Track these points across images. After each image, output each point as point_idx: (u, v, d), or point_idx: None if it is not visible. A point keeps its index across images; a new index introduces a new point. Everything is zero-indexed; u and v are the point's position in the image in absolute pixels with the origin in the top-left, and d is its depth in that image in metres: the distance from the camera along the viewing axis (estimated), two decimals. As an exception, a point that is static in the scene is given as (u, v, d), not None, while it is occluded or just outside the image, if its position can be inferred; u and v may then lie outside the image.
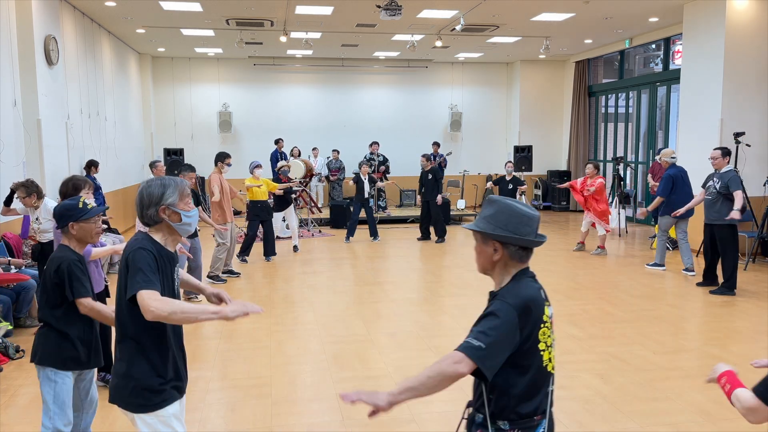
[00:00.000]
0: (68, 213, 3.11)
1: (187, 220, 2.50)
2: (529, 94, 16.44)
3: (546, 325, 2.08)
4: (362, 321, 6.31)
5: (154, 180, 2.49)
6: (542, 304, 2.07)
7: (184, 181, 2.55)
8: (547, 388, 2.11)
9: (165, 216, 2.45)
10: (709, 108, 9.64)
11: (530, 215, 2.07)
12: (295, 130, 15.96)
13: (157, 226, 2.48)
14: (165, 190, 2.45)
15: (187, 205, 2.50)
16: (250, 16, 10.80)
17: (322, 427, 3.99)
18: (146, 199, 2.44)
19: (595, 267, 8.96)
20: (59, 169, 8.72)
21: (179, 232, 2.52)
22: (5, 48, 7.41)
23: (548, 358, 2.09)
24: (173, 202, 2.46)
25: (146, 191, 2.45)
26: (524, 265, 2.11)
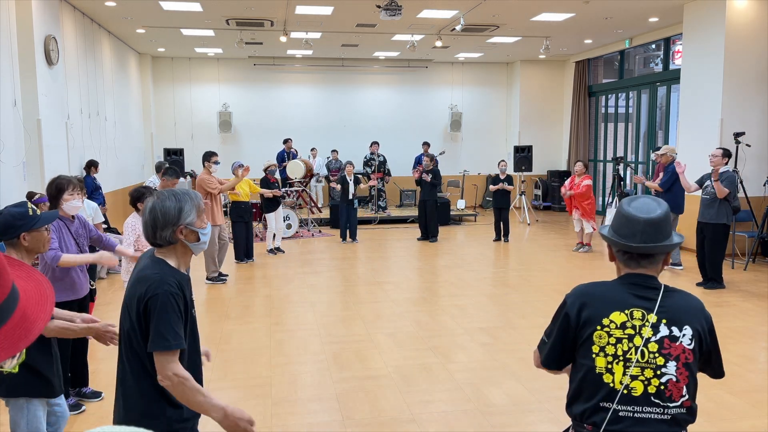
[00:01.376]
0: (18, 222, 2.79)
1: (204, 239, 2.23)
2: (529, 94, 16.44)
3: (607, 330, 1.91)
4: (362, 321, 6.31)
5: (166, 194, 2.17)
6: (611, 307, 1.92)
7: (198, 193, 2.28)
8: (603, 401, 1.93)
9: (182, 237, 2.17)
10: (709, 108, 9.64)
11: (631, 217, 1.95)
12: (295, 130, 15.96)
13: (170, 247, 2.18)
14: (182, 206, 2.15)
15: (203, 221, 2.23)
16: (250, 16, 10.80)
17: (322, 427, 3.99)
18: (161, 219, 2.13)
19: (595, 267, 8.96)
20: (59, 169, 8.71)
21: (193, 250, 2.24)
22: (5, 48, 7.41)
23: (604, 366, 1.92)
24: (192, 221, 2.17)
25: (161, 209, 2.13)
26: (631, 270, 1.97)
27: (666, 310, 1.90)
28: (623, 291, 1.95)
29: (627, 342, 1.90)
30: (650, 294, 1.92)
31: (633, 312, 1.91)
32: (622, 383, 1.89)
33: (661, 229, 1.94)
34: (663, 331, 1.88)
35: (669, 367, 1.87)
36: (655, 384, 1.88)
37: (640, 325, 1.90)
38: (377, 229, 12.99)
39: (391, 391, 4.52)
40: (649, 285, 1.94)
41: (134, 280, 2.13)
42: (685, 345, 1.87)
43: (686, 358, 1.87)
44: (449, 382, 4.69)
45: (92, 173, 9.72)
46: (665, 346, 1.87)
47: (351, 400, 4.38)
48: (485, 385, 4.63)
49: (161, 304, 2.04)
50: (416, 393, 4.49)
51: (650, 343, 1.87)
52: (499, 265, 9.22)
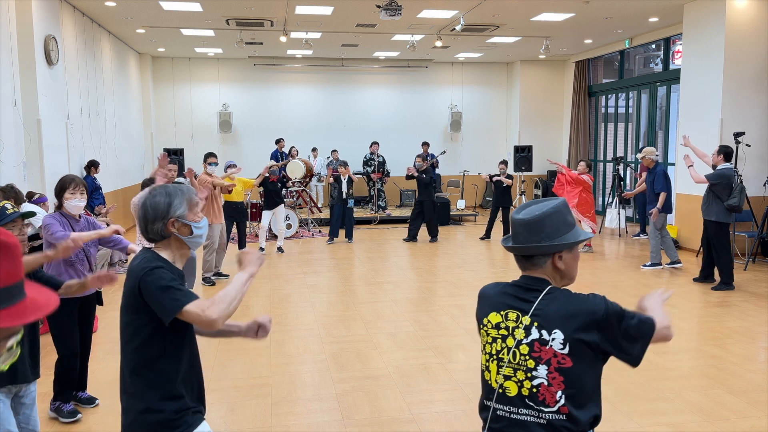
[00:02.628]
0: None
1: (198, 232, 2.23)
2: (529, 94, 16.44)
3: (485, 329, 1.98)
4: (362, 321, 6.31)
5: (157, 189, 2.21)
6: (491, 307, 1.99)
7: (191, 188, 2.27)
8: (485, 398, 1.97)
9: (174, 230, 2.18)
10: (709, 108, 9.64)
11: (511, 219, 2.03)
12: (295, 130, 15.97)
13: (164, 241, 2.21)
14: (172, 200, 2.18)
15: (196, 215, 2.23)
16: (250, 16, 10.80)
17: (322, 427, 3.99)
18: (151, 212, 2.16)
19: (595, 267, 8.96)
20: (59, 169, 8.72)
21: (189, 245, 2.24)
22: (5, 48, 7.41)
23: (484, 364, 1.98)
24: (182, 213, 2.18)
25: (150, 203, 2.17)
26: (522, 272, 2.03)
27: (540, 313, 1.87)
28: (507, 292, 1.98)
29: (501, 342, 1.92)
30: (530, 296, 1.93)
31: (508, 313, 1.94)
32: (498, 382, 1.92)
33: (535, 230, 1.92)
34: (534, 334, 1.87)
35: (539, 371, 1.85)
36: (527, 386, 1.88)
37: (514, 326, 1.91)
38: (377, 229, 12.99)
39: (391, 391, 4.52)
40: (530, 287, 1.94)
41: (126, 275, 2.17)
42: (556, 349, 1.83)
43: (558, 362, 1.84)
44: (449, 382, 4.69)
45: (92, 173, 9.72)
46: (535, 349, 1.86)
47: (351, 400, 4.38)
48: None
49: (151, 279, 2.04)
50: (416, 393, 4.50)
51: (522, 345, 1.88)
52: (499, 265, 9.22)
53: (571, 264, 1.98)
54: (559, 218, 1.93)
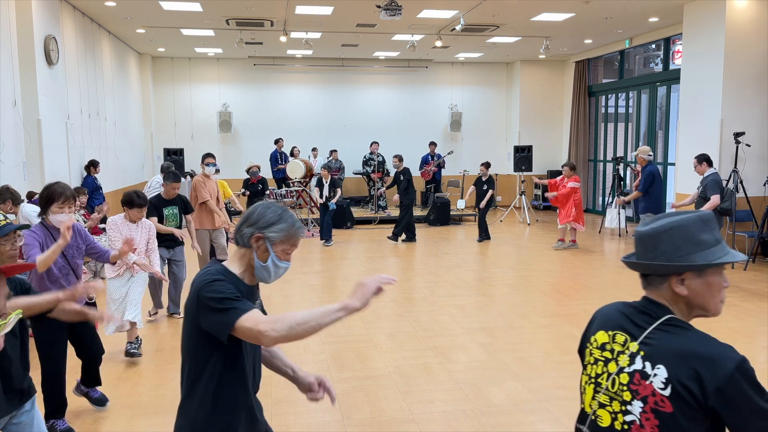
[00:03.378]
0: None
1: (272, 267, 2.10)
2: (529, 94, 16.44)
3: (590, 349, 1.79)
4: (362, 321, 6.32)
5: (276, 205, 2.10)
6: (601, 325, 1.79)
7: (303, 228, 2.15)
8: (579, 422, 1.81)
9: (255, 245, 2.06)
10: (709, 108, 9.64)
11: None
12: (295, 130, 15.97)
13: (242, 251, 2.08)
14: (278, 221, 2.06)
15: (284, 252, 2.10)
16: (250, 16, 10.80)
17: (322, 427, 3.99)
18: (254, 217, 2.06)
19: (596, 267, 8.96)
20: (59, 169, 8.73)
21: (255, 270, 2.11)
22: (5, 48, 7.41)
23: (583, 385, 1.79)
24: (274, 238, 2.05)
25: (262, 210, 2.08)
26: (644, 292, 1.80)
27: (650, 342, 1.63)
28: (621, 311, 1.78)
29: (602, 365, 1.73)
30: (642, 320, 1.70)
31: (616, 335, 1.73)
32: (591, 408, 1.74)
33: (650, 245, 1.69)
34: (637, 364, 1.64)
35: (634, 407, 1.62)
36: (620, 420, 1.66)
37: (619, 351, 1.70)
38: (377, 229, 12.99)
39: (391, 391, 4.53)
40: (645, 310, 1.72)
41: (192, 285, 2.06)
42: (656, 387, 1.58)
43: (656, 403, 1.57)
44: (449, 382, 4.69)
45: (92, 173, 9.73)
46: (635, 381, 1.63)
47: (351, 400, 4.38)
48: (485, 385, 4.63)
49: (207, 288, 1.92)
50: (416, 393, 4.50)
51: (622, 374, 1.66)
52: (499, 265, 9.22)
53: (701, 291, 1.66)
54: (683, 234, 1.65)
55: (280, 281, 8.12)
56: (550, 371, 4.92)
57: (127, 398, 4.45)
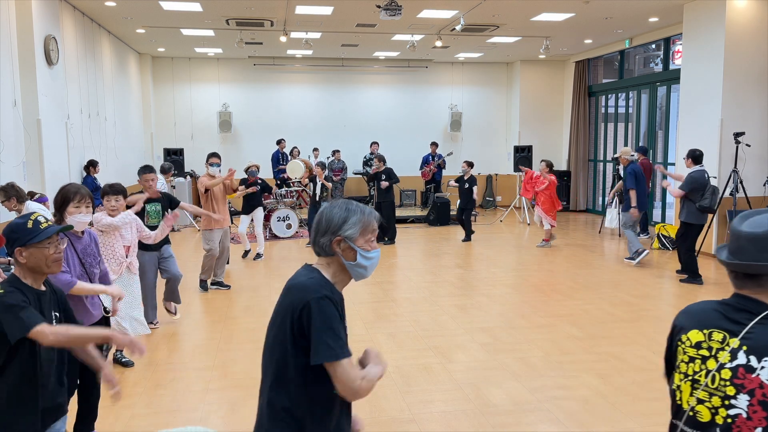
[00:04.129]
0: (13, 236, 2.46)
1: (363, 262, 2.03)
2: (529, 94, 16.44)
3: (683, 347, 1.81)
4: (362, 321, 6.32)
5: (339, 202, 2.07)
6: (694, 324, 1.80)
7: (374, 212, 2.09)
8: (674, 417, 1.84)
9: (338, 249, 2.01)
10: (709, 108, 9.64)
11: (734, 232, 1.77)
12: (295, 130, 15.97)
13: (328, 259, 2.03)
14: (348, 217, 2.02)
15: (368, 243, 2.04)
16: (250, 16, 10.80)
17: (322, 427, 3.98)
18: (324, 224, 2.02)
19: (595, 267, 8.96)
20: (59, 169, 8.73)
21: (350, 272, 2.04)
22: (5, 48, 7.41)
23: (677, 383, 1.82)
24: (352, 235, 2.00)
25: (327, 214, 2.03)
26: (737, 290, 1.79)
27: (752, 337, 1.68)
28: (715, 309, 1.79)
29: (699, 363, 1.76)
30: (740, 317, 1.72)
31: (713, 333, 1.76)
32: (689, 404, 1.78)
33: (762, 245, 1.69)
34: (740, 359, 1.68)
35: (739, 401, 1.67)
36: (722, 414, 1.70)
37: (718, 348, 1.73)
38: (377, 229, 12.98)
39: (391, 391, 4.53)
40: (743, 307, 1.73)
41: (286, 289, 1.99)
42: (764, 380, 1.64)
43: (764, 395, 1.63)
44: (449, 382, 4.69)
45: (92, 173, 9.73)
46: (739, 375, 1.67)
47: (351, 400, 4.37)
48: (485, 385, 4.63)
49: (320, 311, 1.86)
50: (416, 393, 4.50)
51: (723, 370, 1.70)
52: (499, 265, 9.22)
53: None
54: None
55: (278, 282, 8.11)
56: (550, 371, 4.92)
57: (127, 398, 4.44)
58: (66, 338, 2.35)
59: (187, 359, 5.24)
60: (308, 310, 1.87)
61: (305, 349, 1.88)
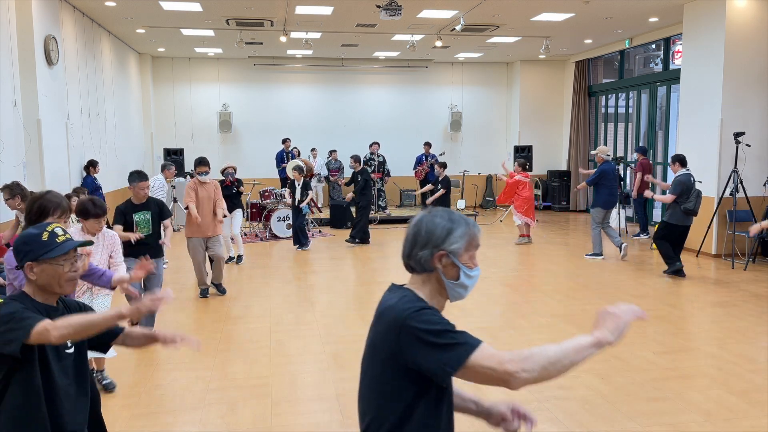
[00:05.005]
0: (25, 247, 2.15)
1: (466, 281, 1.78)
2: (529, 94, 16.44)
3: None
4: (362, 321, 6.31)
5: (439, 212, 1.81)
6: None
7: (478, 225, 1.83)
8: None
9: (439, 266, 1.76)
10: (709, 108, 9.64)
11: None
12: (295, 130, 15.96)
13: (424, 276, 1.79)
14: (453, 228, 1.75)
15: (472, 259, 1.79)
16: (250, 16, 10.80)
17: (322, 427, 3.99)
18: (423, 236, 1.76)
19: (595, 267, 8.96)
20: (59, 169, 8.72)
21: (449, 292, 1.80)
22: (5, 48, 7.41)
23: None
24: (457, 249, 1.75)
25: (427, 223, 1.77)
26: None
27: None
28: None
29: None
30: None
31: None
32: None
33: None
34: None
35: None
36: None
37: None
38: (377, 229, 12.99)
39: (391, 391, 4.52)
40: None
41: (377, 317, 1.78)
42: None
43: None
44: (449, 382, 4.69)
45: (92, 173, 9.73)
46: None
47: (351, 400, 4.38)
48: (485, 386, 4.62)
49: (422, 320, 1.63)
50: (416, 393, 4.49)
51: None
52: (499, 265, 9.22)
53: None
54: None
55: (278, 282, 8.12)
56: (550, 371, 4.91)
57: (127, 398, 4.44)
58: (72, 330, 2.00)
59: (187, 359, 5.24)
60: (406, 329, 1.63)
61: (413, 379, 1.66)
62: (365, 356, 1.79)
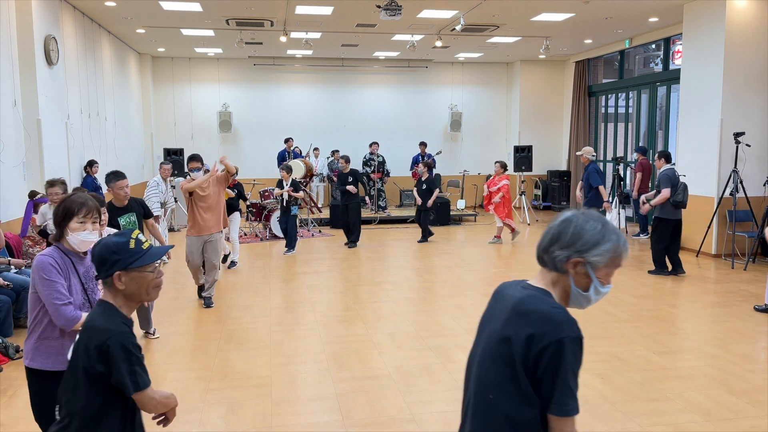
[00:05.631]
0: (113, 257, 2.07)
1: (593, 295, 1.71)
2: (529, 94, 16.44)
3: None
4: (362, 321, 6.32)
5: (593, 216, 1.72)
6: None
7: (627, 241, 1.75)
8: None
9: (572, 271, 1.69)
10: (709, 108, 9.64)
11: None
12: (295, 130, 15.96)
13: (555, 276, 1.73)
14: (602, 241, 1.67)
15: (608, 276, 1.71)
16: (250, 16, 10.80)
17: (322, 427, 3.99)
18: (569, 237, 1.68)
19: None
20: (59, 169, 8.72)
21: (571, 300, 1.73)
22: (5, 48, 7.40)
23: None
24: (598, 262, 1.67)
25: (577, 226, 1.69)
26: None
27: None
28: None
29: None
30: None
31: None
32: None
33: None
34: None
35: None
36: None
37: None
38: (377, 229, 13.00)
39: (391, 391, 4.52)
40: None
41: (518, 313, 1.66)
42: None
43: None
44: (449, 382, 4.69)
45: (92, 173, 9.73)
46: None
47: (351, 400, 4.38)
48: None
49: (574, 356, 1.55)
50: (416, 393, 4.50)
51: None
52: (499, 265, 9.22)
53: None
54: None
55: (279, 281, 8.12)
56: (550, 371, 4.91)
57: (127, 398, 4.44)
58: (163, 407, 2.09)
59: (187, 359, 5.24)
60: (557, 349, 1.55)
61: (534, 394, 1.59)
62: (485, 350, 1.68)
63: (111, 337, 1.97)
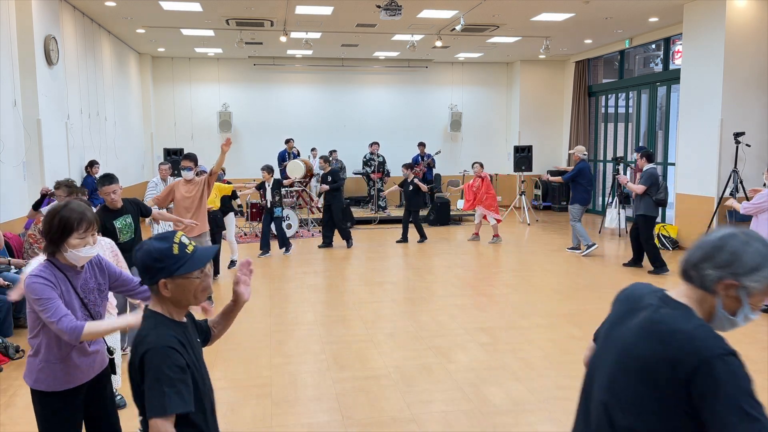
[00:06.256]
0: (157, 265, 1.98)
1: (740, 321, 1.60)
2: (529, 94, 16.44)
3: None
4: (362, 321, 6.32)
5: (757, 237, 1.58)
6: None
7: None
8: None
9: (722, 293, 1.57)
10: (709, 108, 9.64)
11: None
12: (295, 130, 15.97)
13: (702, 295, 1.60)
14: (763, 266, 1.54)
15: (758, 304, 1.59)
16: (250, 16, 10.80)
17: (322, 427, 3.99)
18: (725, 256, 1.56)
19: (595, 267, 8.96)
20: (59, 169, 8.72)
21: (714, 321, 1.61)
22: (5, 48, 7.41)
23: None
24: (754, 288, 1.55)
25: (735, 246, 1.56)
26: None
27: None
28: None
29: None
30: None
31: None
32: None
33: None
34: None
35: None
36: None
37: None
38: (377, 229, 13.00)
39: (391, 391, 4.53)
40: None
41: (650, 330, 1.57)
42: None
43: None
44: (449, 382, 4.69)
45: (92, 173, 9.73)
46: None
47: (351, 400, 4.38)
48: (485, 385, 4.63)
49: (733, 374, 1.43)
50: (416, 393, 4.50)
51: None
52: (498, 265, 9.22)
53: None
54: None
55: (278, 281, 8.12)
56: (550, 371, 4.92)
57: (127, 398, 4.44)
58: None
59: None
60: (711, 372, 1.42)
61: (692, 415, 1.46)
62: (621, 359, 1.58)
63: (148, 351, 1.90)
